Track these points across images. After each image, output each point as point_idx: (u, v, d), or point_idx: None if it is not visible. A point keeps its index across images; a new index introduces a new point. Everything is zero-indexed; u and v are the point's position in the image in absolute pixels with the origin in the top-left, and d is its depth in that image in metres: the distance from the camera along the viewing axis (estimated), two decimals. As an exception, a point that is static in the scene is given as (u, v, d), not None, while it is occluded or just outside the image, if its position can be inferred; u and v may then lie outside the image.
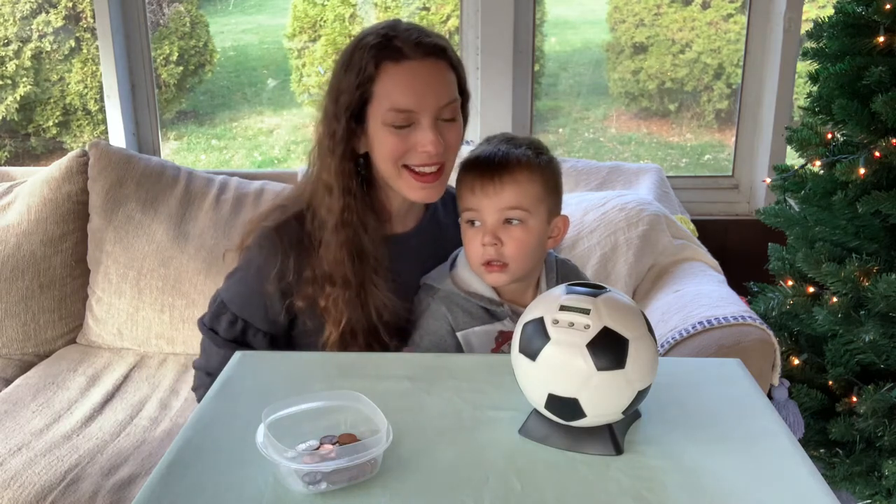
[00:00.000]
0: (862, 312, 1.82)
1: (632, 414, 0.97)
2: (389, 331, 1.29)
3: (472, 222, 1.24)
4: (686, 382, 1.10)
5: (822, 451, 1.92)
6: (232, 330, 1.33)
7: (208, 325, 1.36)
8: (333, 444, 0.91)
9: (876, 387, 1.80)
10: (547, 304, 0.94)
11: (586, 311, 0.91)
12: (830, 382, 1.91)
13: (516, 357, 0.95)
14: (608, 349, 0.89)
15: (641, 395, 0.93)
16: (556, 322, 0.91)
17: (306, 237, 1.28)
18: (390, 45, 1.22)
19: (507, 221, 1.22)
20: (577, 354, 0.89)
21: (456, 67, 1.27)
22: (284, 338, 1.35)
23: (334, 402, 0.98)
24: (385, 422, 0.91)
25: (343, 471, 0.86)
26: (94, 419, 1.83)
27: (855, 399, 1.83)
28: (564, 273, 1.36)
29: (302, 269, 1.28)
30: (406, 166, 1.25)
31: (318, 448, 0.91)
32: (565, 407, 0.91)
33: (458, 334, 1.27)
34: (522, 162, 1.23)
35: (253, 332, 1.32)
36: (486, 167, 1.22)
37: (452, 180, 1.43)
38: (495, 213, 1.22)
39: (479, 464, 0.91)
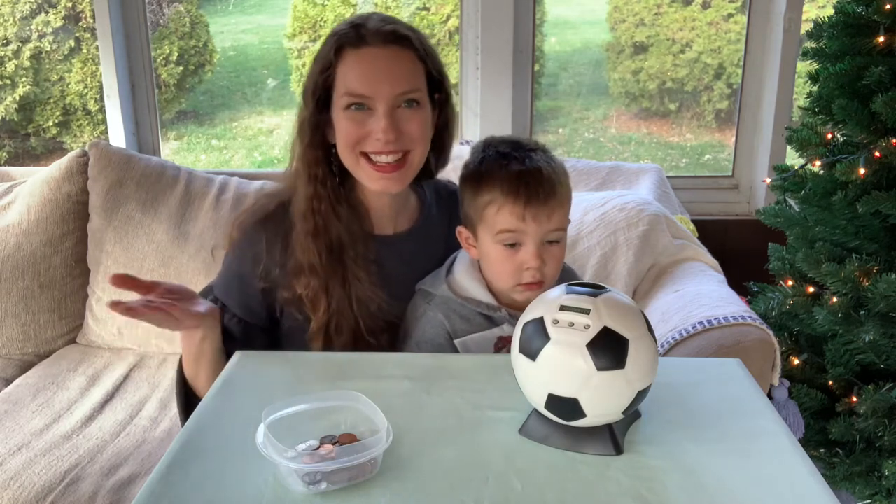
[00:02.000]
0: (862, 312, 1.82)
1: (632, 414, 0.97)
2: (377, 326, 1.29)
3: (511, 244, 1.20)
4: (686, 382, 1.10)
5: (822, 451, 1.92)
6: None
7: None
8: (333, 444, 0.91)
9: (876, 387, 1.80)
10: (547, 304, 0.94)
11: (586, 311, 0.91)
12: (830, 382, 1.91)
13: (516, 357, 0.95)
14: (608, 349, 0.89)
15: (641, 395, 0.93)
16: (556, 322, 0.91)
17: (289, 226, 1.29)
18: (354, 32, 1.23)
19: (548, 241, 1.21)
20: (577, 354, 0.89)
21: (424, 59, 1.26)
22: (264, 330, 1.33)
23: (334, 402, 0.98)
24: (385, 422, 0.91)
25: (343, 471, 0.86)
26: (94, 419, 1.83)
27: (855, 399, 1.83)
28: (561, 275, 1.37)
29: (286, 259, 1.28)
30: (364, 154, 1.24)
31: (318, 448, 0.91)
32: (565, 407, 0.91)
33: (456, 342, 1.26)
34: (562, 180, 1.21)
35: (229, 316, 1.32)
36: (534, 194, 1.17)
37: (447, 174, 1.43)
38: (542, 235, 1.20)
39: (479, 464, 0.91)
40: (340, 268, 1.27)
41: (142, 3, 2.44)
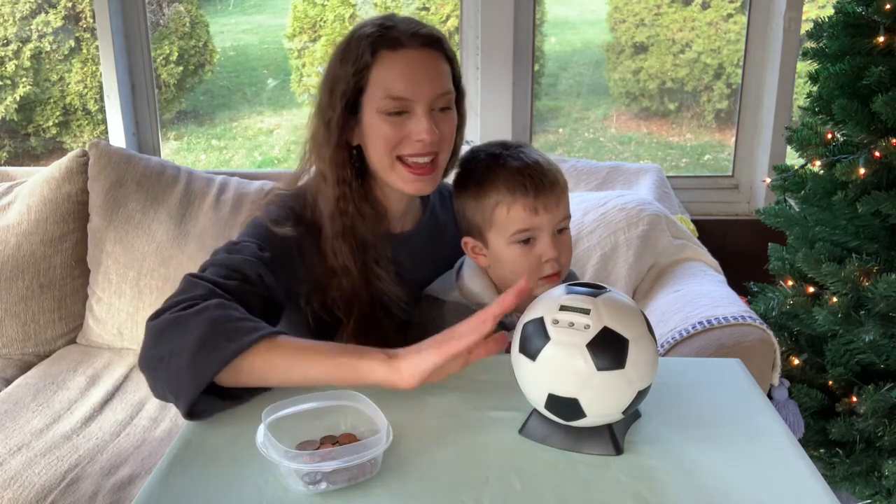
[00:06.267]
0: (862, 312, 1.82)
1: (632, 414, 0.97)
2: (395, 325, 1.29)
3: (525, 241, 1.21)
4: (686, 382, 1.10)
5: (822, 451, 1.92)
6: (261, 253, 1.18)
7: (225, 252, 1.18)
8: (334, 444, 0.91)
9: (876, 387, 1.80)
10: (547, 304, 0.94)
11: (586, 311, 0.91)
12: (830, 382, 1.91)
13: (516, 357, 0.95)
14: (608, 349, 0.89)
15: (641, 395, 0.93)
16: (556, 322, 0.91)
17: (318, 230, 1.27)
18: (387, 34, 1.22)
19: (558, 231, 1.23)
20: (577, 354, 0.89)
21: (451, 60, 1.27)
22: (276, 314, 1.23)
23: (334, 402, 0.97)
24: (385, 422, 0.91)
25: (343, 471, 0.86)
26: (94, 419, 1.83)
27: (855, 399, 1.83)
28: None
29: (320, 265, 1.26)
30: (400, 158, 1.24)
31: (318, 448, 0.91)
32: (565, 407, 0.91)
33: None
34: (558, 168, 1.23)
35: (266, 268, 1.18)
36: (540, 185, 1.19)
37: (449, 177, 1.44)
38: (553, 227, 1.21)
39: (479, 464, 0.91)
40: (364, 268, 1.27)
41: (142, 3, 2.44)
